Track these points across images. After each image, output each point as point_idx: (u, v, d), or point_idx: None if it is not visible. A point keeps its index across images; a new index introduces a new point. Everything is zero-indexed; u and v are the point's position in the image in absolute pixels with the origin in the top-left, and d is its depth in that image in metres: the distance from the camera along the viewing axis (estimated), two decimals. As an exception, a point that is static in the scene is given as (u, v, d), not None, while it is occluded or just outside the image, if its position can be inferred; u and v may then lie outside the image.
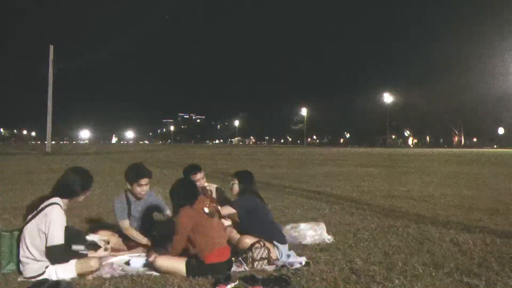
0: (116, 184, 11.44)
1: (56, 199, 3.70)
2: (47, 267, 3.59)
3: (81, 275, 3.66)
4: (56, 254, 3.59)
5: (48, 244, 3.57)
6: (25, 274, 3.59)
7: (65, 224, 3.67)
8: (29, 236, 3.60)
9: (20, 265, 3.64)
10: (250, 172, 4.77)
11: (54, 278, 3.53)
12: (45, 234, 3.57)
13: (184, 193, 3.94)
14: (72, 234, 3.75)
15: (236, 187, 4.57)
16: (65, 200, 3.78)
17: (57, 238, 3.58)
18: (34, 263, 3.58)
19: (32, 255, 3.58)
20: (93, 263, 3.73)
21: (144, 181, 4.48)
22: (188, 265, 3.67)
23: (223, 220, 4.45)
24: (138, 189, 4.50)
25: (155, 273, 3.72)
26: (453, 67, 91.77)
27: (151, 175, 4.61)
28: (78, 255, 3.73)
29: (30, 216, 3.67)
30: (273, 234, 4.33)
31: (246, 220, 4.41)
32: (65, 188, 3.79)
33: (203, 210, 3.86)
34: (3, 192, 9.37)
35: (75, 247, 3.75)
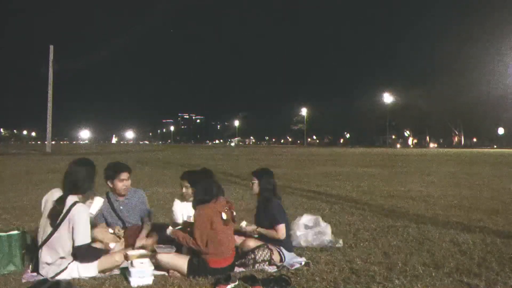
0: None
1: (73, 198, 3.65)
2: (69, 263, 3.59)
3: (104, 271, 3.69)
4: (82, 253, 3.60)
5: (75, 244, 3.57)
6: (48, 274, 3.56)
7: (89, 222, 3.66)
8: (58, 241, 3.58)
9: (42, 267, 3.60)
10: (269, 170, 4.63)
11: (75, 274, 3.57)
12: (72, 234, 3.57)
13: (206, 189, 3.88)
14: None
15: (256, 187, 4.44)
16: (80, 196, 3.74)
17: (82, 237, 3.58)
18: (59, 261, 3.58)
19: (59, 256, 3.57)
20: (118, 258, 3.77)
21: (124, 175, 4.46)
22: (190, 264, 3.67)
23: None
24: (119, 185, 4.46)
25: (155, 273, 3.72)
26: (453, 67, 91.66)
27: (130, 170, 4.59)
28: (102, 254, 3.75)
29: (57, 222, 3.61)
30: (281, 241, 4.26)
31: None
32: (74, 185, 3.69)
33: (221, 216, 3.76)
34: (3, 192, 9.37)
35: None
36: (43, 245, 3.60)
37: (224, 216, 3.78)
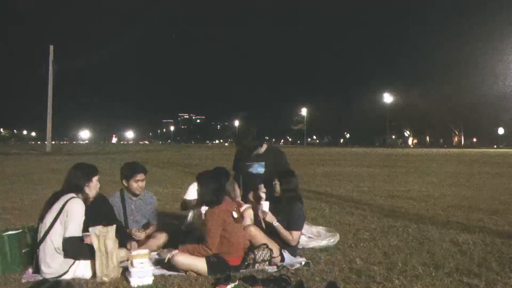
0: (116, 184, 11.44)
1: (72, 194, 3.73)
2: (70, 266, 3.59)
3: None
4: (70, 246, 3.58)
5: (65, 235, 3.58)
6: (48, 274, 3.55)
7: (83, 218, 3.67)
8: (54, 235, 3.59)
9: (43, 266, 3.59)
10: (292, 172, 4.62)
11: (79, 274, 3.58)
12: (64, 227, 3.59)
13: (216, 190, 3.92)
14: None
15: (277, 188, 4.40)
16: (79, 195, 3.79)
17: (73, 230, 3.59)
18: (59, 259, 3.58)
19: (57, 252, 3.58)
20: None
21: (140, 176, 4.55)
22: (210, 263, 3.70)
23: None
24: (134, 185, 4.55)
25: (156, 273, 3.72)
26: (453, 67, 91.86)
27: (146, 172, 4.69)
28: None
29: (53, 217, 3.64)
30: (289, 245, 4.24)
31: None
32: (71, 184, 3.82)
33: (232, 214, 3.87)
34: (3, 192, 9.37)
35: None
36: (41, 243, 3.61)
37: (235, 214, 3.90)
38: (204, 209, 3.99)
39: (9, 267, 3.77)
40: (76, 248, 3.61)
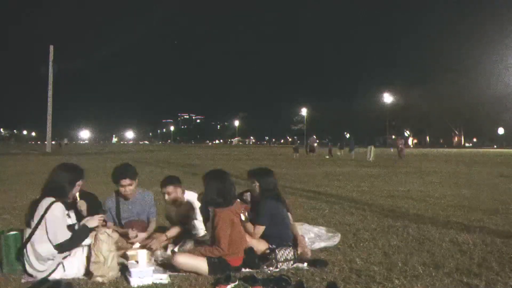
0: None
1: (50, 199, 3.65)
2: (58, 264, 3.59)
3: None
4: (65, 248, 3.61)
5: (55, 243, 3.58)
6: (36, 274, 3.57)
7: (65, 220, 3.66)
8: (38, 241, 3.58)
9: (29, 267, 3.61)
10: (269, 170, 4.58)
11: (70, 273, 3.59)
12: (48, 235, 3.58)
13: (227, 193, 3.90)
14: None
15: (257, 189, 4.38)
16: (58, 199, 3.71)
17: (61, 235, 3.59)
18: (44, 262, 3.58)
19: (42, 256, 3.57)
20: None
21: (125, 181, 4.46)
22: (211, 264, 3.69)
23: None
24: (121, 190, 4.53)
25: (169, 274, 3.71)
26: (453, 67, 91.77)
27: (134, 176, 4.55)
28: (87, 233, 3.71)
29: (35, 223, 3.61)
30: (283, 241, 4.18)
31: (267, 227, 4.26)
32: (54, 187, 3.75)
33: (240, 216, 3.90)
34: (3, 192, 9.37)
35: None
36: (24, 247, 3.62)
37: (243, 217, 3.94)
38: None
39: (14, 266, 3.76)
40: (71, 245, 3.64)
